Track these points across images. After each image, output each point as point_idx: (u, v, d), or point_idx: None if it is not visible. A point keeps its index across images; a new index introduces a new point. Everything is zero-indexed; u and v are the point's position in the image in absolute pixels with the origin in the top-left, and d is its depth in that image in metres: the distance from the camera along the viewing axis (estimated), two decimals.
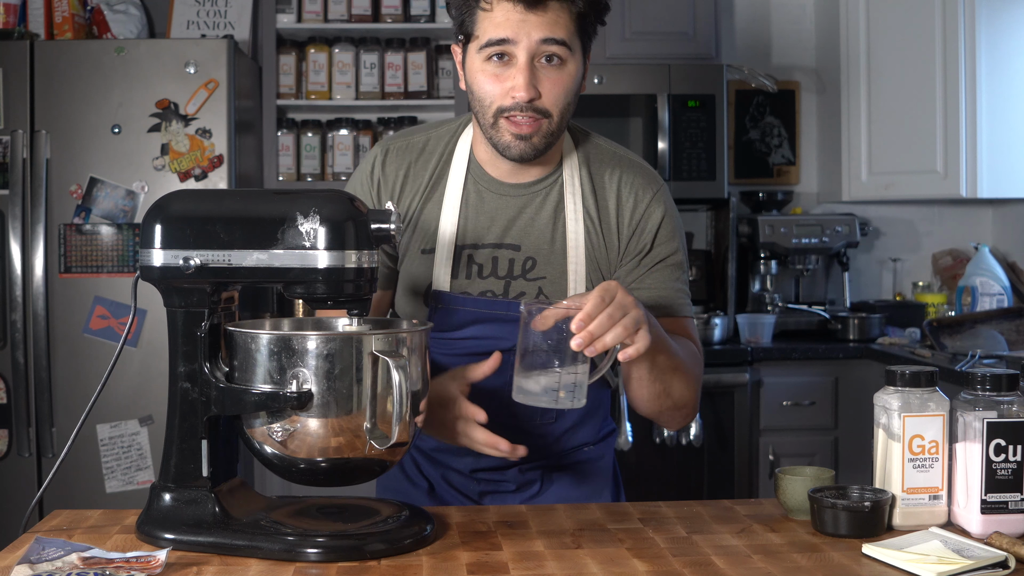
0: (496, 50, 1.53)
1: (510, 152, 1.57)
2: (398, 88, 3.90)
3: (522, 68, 1.52)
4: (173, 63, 3.35)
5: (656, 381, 1.55)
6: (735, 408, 3.54)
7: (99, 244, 3.33)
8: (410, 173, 1.68)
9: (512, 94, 1.53)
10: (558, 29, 1.52)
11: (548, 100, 1.55)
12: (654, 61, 3.80)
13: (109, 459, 3.30)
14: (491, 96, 1.55)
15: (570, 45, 1.54)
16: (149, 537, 1.36)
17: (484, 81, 1.56)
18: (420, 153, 1.69)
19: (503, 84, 1.54)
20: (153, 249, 1.35)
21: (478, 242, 1.66)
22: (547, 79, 1.54)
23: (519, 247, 1.66)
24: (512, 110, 1.54)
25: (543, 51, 1.53)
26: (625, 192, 1.68)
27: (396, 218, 1.38)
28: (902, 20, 3.83)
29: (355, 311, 1.39)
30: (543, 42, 1.52)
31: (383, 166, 1.69)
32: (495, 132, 1.57)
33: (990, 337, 3.39)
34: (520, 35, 1.51)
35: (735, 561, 1.31)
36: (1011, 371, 1.42)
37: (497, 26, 1.52)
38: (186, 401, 1.37)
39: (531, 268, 1.66)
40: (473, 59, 1.57)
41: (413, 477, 1.80)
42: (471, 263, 1.66)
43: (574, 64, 1.57)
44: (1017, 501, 1.40)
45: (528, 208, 1.66)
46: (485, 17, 1.54)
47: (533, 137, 1.56)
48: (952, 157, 3.75)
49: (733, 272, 3.90)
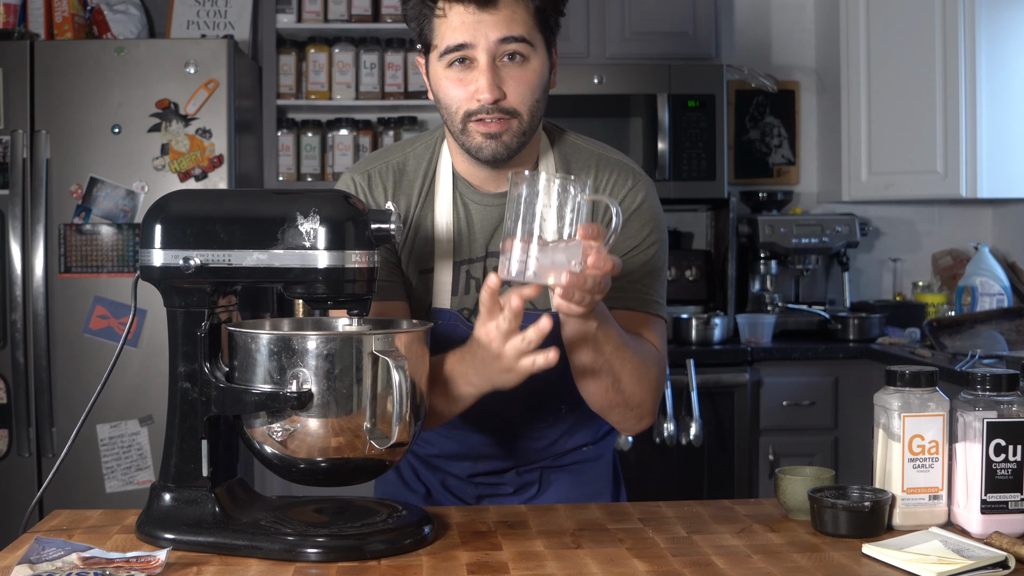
0: (456, 55, 1.51)
1: (482, 154, 1.54)
2: (398, 88, 3.90)
3: (484, 70, 1.50)
4: (173, 63, 3.35)
5: (603, 372, 1.50)
6: (735, 408, 3.54)
7: (99, 244, 3.33)
8: (397, 196, 1.65)
9: (476, 96, 1.50)
10: (515, 26, 1.50)
11: (514, 99, 1.52)
12: (654, 61, 3.80)
13: (109, 459, 3.30)
14: (457, 101, 1.53)
15: (531, 40, 1.52)
16: (149, 537, 1.37)
17: (448, 87, 1.53)
18: (402, 174, 1.66)
19: (467, 88, 1.51)
20: (153, 249, 1.35)
21: (473, 256, 1.64)
22: (510, 78, 1.51)
23: None
24: (479, 113, 1.51)
25: (503, 50, 1.50)
26: (601, 190, 1.65)
27: (396, 218, 1.38)
28: (902, 20, 3.83)
29: (355, 311, 1.39)
30: (502, 41, 1.49)
31: (369, 190, 1.65)
32: (465, 137, 1.54)
33: (990, 337, 3.39)
34: (477, 37, 1.49)
35: (735, 561, 1.31)
36: (1011, 371, 1.42)
37: (454, 31, 1.50)
38: (186, 401, 1.37)
39: None
40: (436, 67, 1.55)
41: (410, 483, 1.79)
42: (469, 278, 1.64)
43: (538, 60, 1.53)
44: (1017, 501, 1.40)
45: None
46: (441, 23, 1.51)
47: (503, 135, 1.53)
48: (952, 157, 3.75)
49: (733, 272, 3.90)
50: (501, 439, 1.72)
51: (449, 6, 1.50)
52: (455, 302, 1.64)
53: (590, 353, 1.47)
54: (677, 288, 3.94)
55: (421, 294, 1.65)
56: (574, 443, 1.77)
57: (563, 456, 1.77)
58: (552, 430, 1.73)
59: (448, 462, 1.75)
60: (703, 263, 4.02)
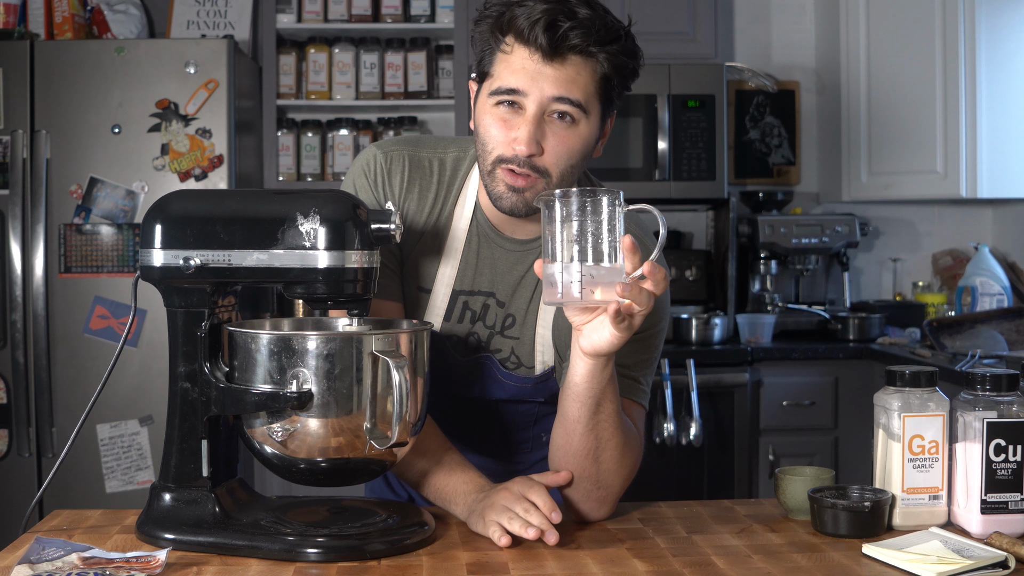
0: (506, 98, 1.45)
1: (501, 203, 1.49)
2: (398, 88, 3.90)
3: (529, 120, 1.43)
4: (173, 63, 3.35)
5: (591, 432, 1.44)
6: (735, 408, 3.54)
7: (99, 244, 3.33)
8: (415, 191, 1.60)
9: (514, 145, 1.44)
10: (575, 88, 1.43)
11: (549, 158, 1.45)
12: (654, 61, 3.77)
13: (109, 459, 3.30)
14: (494, 142, 1.47)
15: (585, 107, 1.44)
16: (149, 537, 1.37)
17: (490, 124, 1.47)
18: (423, 174, 1.61)
19: (508, 132, 1.45)
20: (153, 249, 1.35)
21: (475, 289, 1.61)
22: (553, 135, 1.45)
23: (504, 303, 1.62)
24: (511, 161, 1.46)
25: (555, 108, 1.44)
26: None
27: (396, 218, 1.38)
28: (902, 20, 3.83)
29: (355, 311, 1.39)
30: (556, 99, 1.43)
31: (387, 173, 1.60)
32: (491, 180, 1.49)
33: (990, 337, 3.39)
34: (533, 88, 1.43)
35: (735, 561, 1.32)
36: (1011, 371, 1.42)
37: (513, 72, 1.43)
38: (186, 401, 1.37)
39: (510, 326, 1.62)
40: (484, 100, 1.49)
41: (395, 487, 1.79)
42: (465, 309, 1.62)
43: (587, 127, 1.47)
44: (1017, 501, 1.40)
45: (519, 266, 1.60)
46: (503, 60, 1.45)
47: (526, 192, 1.47)
48: (952, 157, 3.75)
49: (733, 272, 3.90)
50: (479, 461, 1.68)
51: (516, 46, 1.44)
52: (445, 327, 1.62)
53: (589, 406, 1.42)
54: (677, 288, 3.94)
55: (413, 309, 1.63)
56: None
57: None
58: (531, 455, 1.74)
59: None
60: (703, 263, 4.02)
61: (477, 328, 1.62)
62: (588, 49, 1.42)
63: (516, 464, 1.74)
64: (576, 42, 1.41)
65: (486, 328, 1.62)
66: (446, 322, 1.62)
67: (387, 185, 1.60)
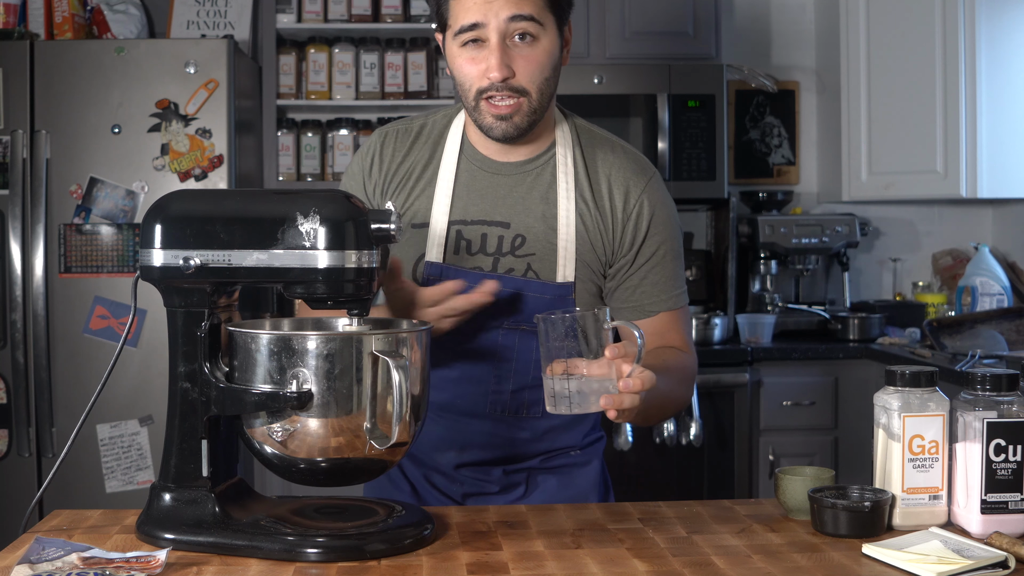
0: (469, 36, 1.57)
1: (493, 133, 1.61)
2: (398, 88, 3.90)
3: (494, 49, 1.56)
4: (173, 63, 3.35)
5: (644, 421, 1.58)
6: (735, 408, 3.54)
7: (99, 244, 3.33)
8: (408, 155, 1.72)
9: (487, 75, 1.57)
10: (525, 5, 1.56)
11: (523, 78, 1.58)
12: (654, 61, 3.80)
13: (109, 459, 3.30)
14: (470, 79, 1.60)
15: (540, 20, 1.58)
16: (149, 537, 1.36)
17: (462, 66, 1.60)
18: (417, 137, 1.73)
19: (478, 67, 1.58)
20: (153, 249, 1.35)
21: (467, 218, 1.68)
22: (520, 57, 1.58)
23: (508, 224, 1.68)
24: (489, 90, 1.58)
25: (513, 29, 1.56)
26: (617, 179, 1.69)
27: (396, 218, 1.38)
28: (902, 20, 3.83)
29: (355, 311, 1.39)
30: (511, 20, 1.55)
31: (381, 147, 1.73)
32: (478, 115, 1.61)
33: (990, 337, 3.39)
34: (488, 16, 1.55)
35: (735, 561, 1.32)
36: (1011, 371, 1.42)
37: (467, 11, 1.56)
38: (186, 401, 1.37)
39: (520, 245, 1.67)
40: (451, 46, 1.62)
41: (395, 480, 1.79)
42: (460, 239, 1.68)
43: (548, 39, 1.60)
44: (1017, 501, 1.40)
45: (519, 187, 1.69)
46: (456, 3, 1.58)
47: (514, 116, 1.60)
48: (952, 157, 3.75)
49: (733, 272, 3.90)
50: (487, 426, 1.71)
51: None
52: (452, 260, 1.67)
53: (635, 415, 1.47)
54: None
55: (412, 248, 1.68)
56: (560, 443, 1.76)
57: (550, 458, 1.77)
58: (539, 423, 1.73)
59: (433, 453, 1.74)
60: (703, 263, 4.02)
61: (478, 259, 1.68)
62: None
63: (522, 431, 1.73)
64: None
65: (488, 256, 1.68)
66: (452, 254, 1.68)
67: (378, 164, 1.72)
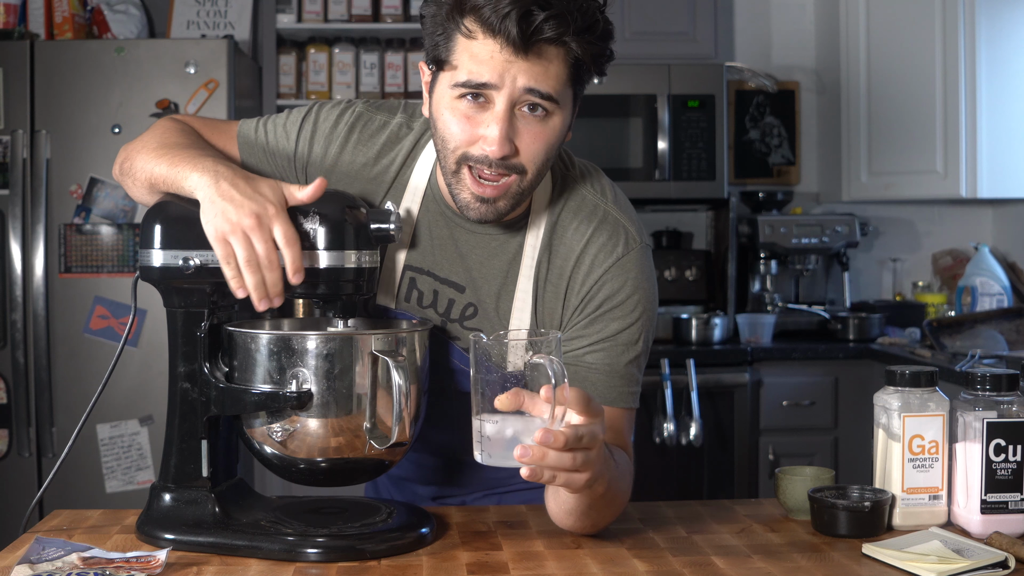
0: (473, 90, 1.30)
1: (468, 212, 1.37)
2: (398, 88, 3.90)
3: (500, 118, 1.30)
4: (173, 63, 3.35)
5: (583, 516, 1.35)
6: (735, 408, 3.54)
7: (99, 244, 3.33)
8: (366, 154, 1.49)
9: (483, 145, 1.31)
10: (547, 80, 1.30)
11: (525, 155, 1.33)
12: (654, 61, 3.80)
13: (109, 459, 3.30)
14: (457, 140, 1.33)
15: (559, 99, 1.32)
16: (149, 537, 1.36)
17: (452, 121, 1.33)
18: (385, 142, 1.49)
19: (474, 129, 1.32)
20: (153, 249, 1.35)
21: (423, 267, 1.49)
22: (527, 131, 1.32)
23: (463, 289, 1.48)
24: (479, 163, 1.33)
25: (526, 100, 1.31)
26: (586, 253, 1.44)
27: (396, 218, 1.38)
28: (902, 20, 3.83)
29: (340, 315, 1.39)
30: (528, 91, 1.30)
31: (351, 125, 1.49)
32: (456, 183, 1.36)
33: (990, 337, 3.39)
34: (504, 80, 1.28)
35: (735, 561, 1.31)
36: (1011, 371, 1.42)
37: (479, 64, 1.29)
38: (186, 401, 1.37)
39: (471, 316, 1.48)
40: (442, 90, 1.34)
41: (395, 487, 1.76)
42: (412, 287, 1.49)
43: (560, 117, 1.34)
44: (1017, 501, 1.40)
45: (481, 249, 1.47)
46: (465, 47, 1.30)
47: (499, 200, 1.35)
48: (952, 157, 3.75)
49: (733, 272, 3.90)
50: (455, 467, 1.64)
51: (482, 36, 1.28)
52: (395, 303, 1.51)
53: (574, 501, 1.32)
54: (677, 288, 3.94)
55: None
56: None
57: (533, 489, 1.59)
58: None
59: (415, 484, 1.70)
60: (703, 263, 4.02)
61: (428, 314, 1.50)
62: (563, 39, 1.29)
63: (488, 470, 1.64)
64: (551, 34, 1.27)
65: (437, 316, 1.49)
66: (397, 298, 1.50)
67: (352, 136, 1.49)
